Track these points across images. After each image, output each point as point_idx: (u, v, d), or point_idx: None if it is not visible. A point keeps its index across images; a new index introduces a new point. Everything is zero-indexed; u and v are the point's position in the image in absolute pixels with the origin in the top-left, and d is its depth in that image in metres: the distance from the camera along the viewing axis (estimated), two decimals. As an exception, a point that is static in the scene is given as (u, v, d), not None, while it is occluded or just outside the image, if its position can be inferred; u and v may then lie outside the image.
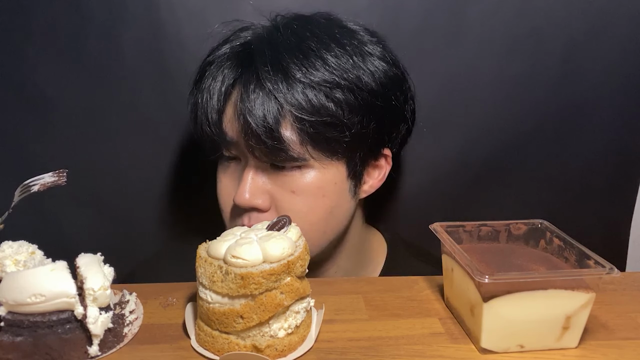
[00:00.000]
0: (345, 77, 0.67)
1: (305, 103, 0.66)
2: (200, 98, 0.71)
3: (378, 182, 0.77)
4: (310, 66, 0.67)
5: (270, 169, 0.70)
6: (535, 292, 0.50)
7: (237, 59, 0.70)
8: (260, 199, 0.70)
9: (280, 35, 0.70)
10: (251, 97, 0.66)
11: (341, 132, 0.68)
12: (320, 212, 0.71)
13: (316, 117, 0.66)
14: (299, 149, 0.68)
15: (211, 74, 0.70)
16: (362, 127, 0.69)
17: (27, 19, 0.86)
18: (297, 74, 0.66)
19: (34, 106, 0.89)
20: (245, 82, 0.68)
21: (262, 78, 0.66)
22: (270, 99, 0.66)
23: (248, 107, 0.66)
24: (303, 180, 0.69)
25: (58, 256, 0.53)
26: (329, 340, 0.53)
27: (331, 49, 0.68)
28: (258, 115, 0.66)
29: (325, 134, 0.67)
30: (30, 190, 0.57)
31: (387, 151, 0.76)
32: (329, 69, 0.67)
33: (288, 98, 0.66)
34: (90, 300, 0.49)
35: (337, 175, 0.71)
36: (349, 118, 0.68)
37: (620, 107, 0.95)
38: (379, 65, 0.71)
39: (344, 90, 0.67)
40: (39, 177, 0.57)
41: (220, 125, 0.70)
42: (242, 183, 0.70)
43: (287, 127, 0.67)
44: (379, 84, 0.70)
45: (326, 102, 0.67)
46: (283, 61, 0.67)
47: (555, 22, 0.90)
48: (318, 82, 0.66)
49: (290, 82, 0.66)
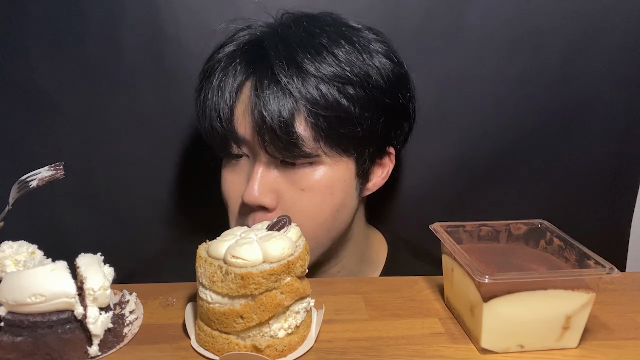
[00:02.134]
0: (356, 72, 0.68)
1: (319, 98, 0.66)
2: (210, 94, 0.70)
3: (381, 180, 0.77)
4: (323, 61, 0.67)
5: (280, 165, 0.69)
6: (535, 292, 0.50)
7: (248, 54, 0.70)
8: (268, 197, 0.69)
9: (292, 31, 0.70)
10: (266, 92, 0.66)
11: (354, 128, 0.68)
12: (327, 210, 0.71)
13: (330, 112, 0.67)
14: (312, 145, 0.67)
15: (221, 69, 0.70)
16: (373, 123, 0.70)
17: (27, 19, 0.86)
18: (311, 68, 0.66)
19: (34, 106, 0.89)
20: (260, 77, 0.67)
21: (277, 73, 0.66)
22: (285, 94, 0.66)
23: (263, 102, 0.66)
24: (313, 176, 0.69)
25: (58, 256, 0.52)
26: (329, 340, 0.53)
27: (341, 45, 0.69)
28: (273, 110, 0.66)
29: (338, 129, 0.68)
30: (29, 186, 0.56)
31: (391, 149, 0.76)
32: (341, 65, 0.67)
33: (303, 93, 0.66)
34: (90, 300, 0.49)
35: (347, 173, 0.71)
36: (361, 114, 0.68)
37: (620, 107, 0.95)
38: (385, 63, 0.71)
39: (355, 86, 0.68)
40: (36, 172, 0.56)
41: (232, 121, 0.69)
42: (251, 180, 0.69)
43: (301, 122, 0.67)
44: (386, 80, 0.71)
45: (339, 97, 0.67)
46: (297, 56, 0.67)
47: (555, 22, 0.90)
48: (331, 78, 0.67)
49: (304, 77, 0.66)
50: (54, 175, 0.57)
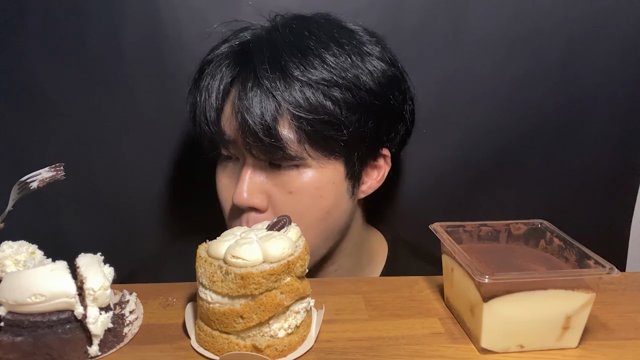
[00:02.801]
0: (343, 75, 0.68)
1: (303, 101, 0.66)
2: (198, 97, 0.71)
3: (377, 182, 0.77)
4: (308, 65, 0.67)
5: (268, 168, 0.70)
6: (535, 292, 0.50)
7: (235, 57, 0.71)
8: (258, 199, 0.70)
9: (279, 34, 0.70)
10: (249, 95, 0.66)
11: (339, 131, 0.68)
12: (317, 213, 0.71)
13: (314, 115, 0.67)
14: (296, 148, 0.68)
15: (210, 72, 0.71)
16: (360, 126, 0.69)
17: (27, 19, 0.86)
18: (295, 72, 0.66)
19: (34, 106, 0.89)
20: (243, 80, 0.68)
21: (260, 76, 0.66)
22: (268, 97, 0.66)
23: (246, 105, 0.66)
24: (300, 179, 0.69)
25: (58, 256, 0.52)
26: (329, 340, 0.53)
27: (330, 48, 0.68)
28: (256, 113, 0.66)
29: (323, 132, 0.67)
30: (30, 187, 0.56)
31: (385, 151, 0.76)
32: (327, 68, 0.67)
33: (286, 96, 0.66)
34: (90, 300, 0.49)
35: (336, 175, 0.71)
36: (347, 117, 0.68)
37: (621, 108, 0.95)
38: (377, 65, 0.71)
39: (342, 89, 0.67)
40: (36, 173, 0.56)
41: (218, 123, 0.70)
42: (239, 182, 0.70)
43: (284, 125, 0.67)
44: (377, 83, 0.70)
45: (324, 100, 0.67)
46: (281, 60, 0.67)
47: (555, 22, 0.90)
48: (316, 81, 0.67)
49: (288, 81, 0.66)
50: (55, 176, 0.56)
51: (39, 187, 0.56)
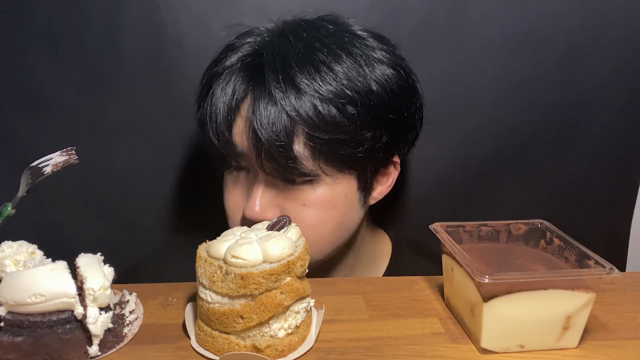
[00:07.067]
0: (357, 89, 0.66)
1: (317, 119, 0.65)
2: (208, 110, 0.69)
3: (387, 188, 0.77)
4: (322, 80, 0.65)
5: (280, 182, 0.69)
6: (535, 292, 0.50)
7: (247, 70, 0.69)
8: (270, 213, 0.69)
9: (291, 46, 0.68)
10: (263, 113, 0.65)
11: (355, 148, 0.67)
12: (330, 224, 0.71)
13: (330, 134, 0.65)
14: (311, 165, 0.67)
15: (219, 85, 0.69)
16: (375, 142, 0.69)
17: (27, 19, 0.86)
18: (309, 89, 0.65)
19: (34, 106, 0.89)
20: (256, 96, 0.66)
21: (274, 93, 0.65)
22: (282, 116, 0.65)
23: (259, 124, 0.65)
24: (314, 194, 0.69)
25: (58, 256, 0.52)
26: (329, 340, 0.53)
27: (342, 61, 0.67)
28: (270, 132, 0.65)
29: (339, 151, 0.67)
30: (44, 172, 0.54)
31: (396, 158, 0.76)
32: (341, 82, 0.66)
33: (301, 113, 0.65)
34: (90, 300, 0.49)
35: (348, 188, 0.71)
36: (362, 134, 0.67)
37: (620, 107, 0.95)
38: (389, 74, 0.69)
39: (356, 106, 0.66)
40: (48, 158, 0.54)
41: (230, 138, 0.69)
42: (252, 196, 0.69)
43: (299, 143, 0.66)
44: (390, 94, 0.69)
45: (338, 117, 0.66)
46: (295, 76, 0.65)
47: (555, 23, 0.90)
48: (330, 98, 0.65)
49: (301, 97, 0.65)
50: (68, 160, 0.55)
51: (53, 172, 0.54)
